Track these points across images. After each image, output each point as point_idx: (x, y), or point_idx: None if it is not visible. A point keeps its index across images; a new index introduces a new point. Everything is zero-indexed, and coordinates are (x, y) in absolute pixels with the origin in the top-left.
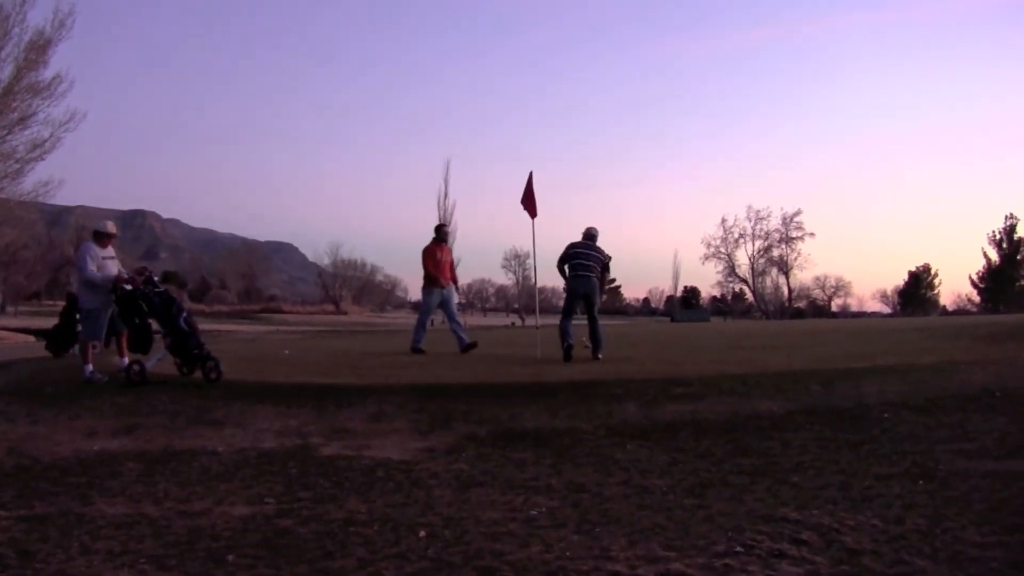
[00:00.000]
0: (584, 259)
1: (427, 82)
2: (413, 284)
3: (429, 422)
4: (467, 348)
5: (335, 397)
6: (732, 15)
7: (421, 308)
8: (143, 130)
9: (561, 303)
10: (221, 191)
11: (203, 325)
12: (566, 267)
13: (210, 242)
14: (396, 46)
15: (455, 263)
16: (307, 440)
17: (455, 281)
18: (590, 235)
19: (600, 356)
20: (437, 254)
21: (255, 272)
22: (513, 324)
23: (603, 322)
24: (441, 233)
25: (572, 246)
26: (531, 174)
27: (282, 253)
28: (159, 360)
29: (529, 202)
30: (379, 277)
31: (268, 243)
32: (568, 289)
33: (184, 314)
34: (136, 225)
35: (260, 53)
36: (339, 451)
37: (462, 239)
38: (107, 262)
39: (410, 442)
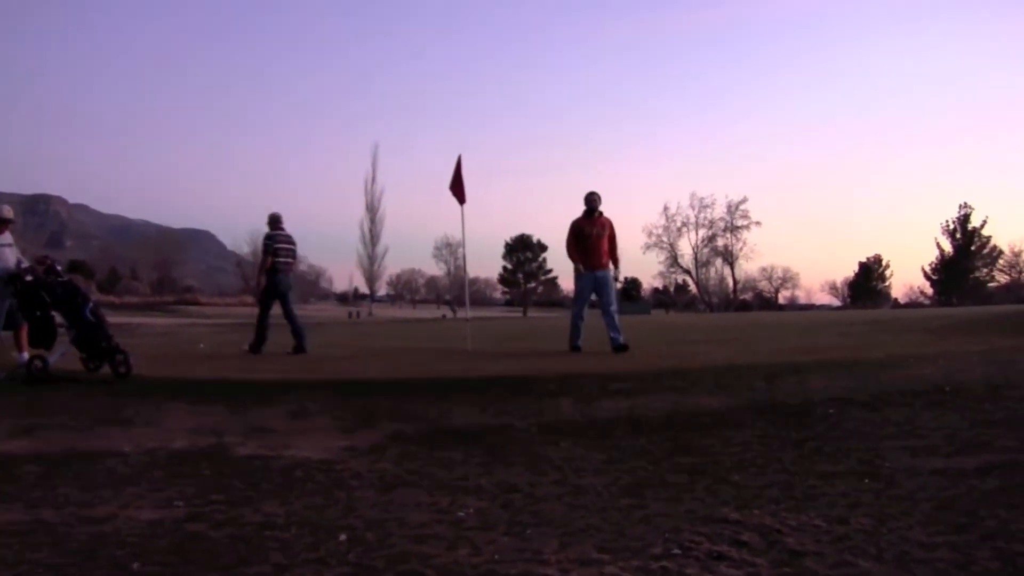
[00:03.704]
0: (286, 254)
1: (354, 60)
2: (338, 274)
3: (352, 420)
4: (619, 349)
5: (253, 393)
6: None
7: (573, 297)
8: (47, 109)
9: (496, 294)
10: (133, 175)
11: (113, 318)
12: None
13: (121, 229)
14: (318, 23)
15: (594, 236)
16: (222, 439)
17: (615, 262)
18: (281, 221)
19: (307, 348)
20: (585, 229)
21: (170, 261)
22: (444, 317)
23: (538, 314)
24: (590, 203)
25: (276, 237)
26: (459, 158)
27: (199, 241)
28: (63, 355)
29: (458, 187)
30: (302, 267)
31: (184, 231)
32: (272, 283)
33: (90, 305)
34: (40, 211)
35: (174, 26)
36: (256, 451)
37: (390, 228)
38: (4, 250)
39: (332, 441)
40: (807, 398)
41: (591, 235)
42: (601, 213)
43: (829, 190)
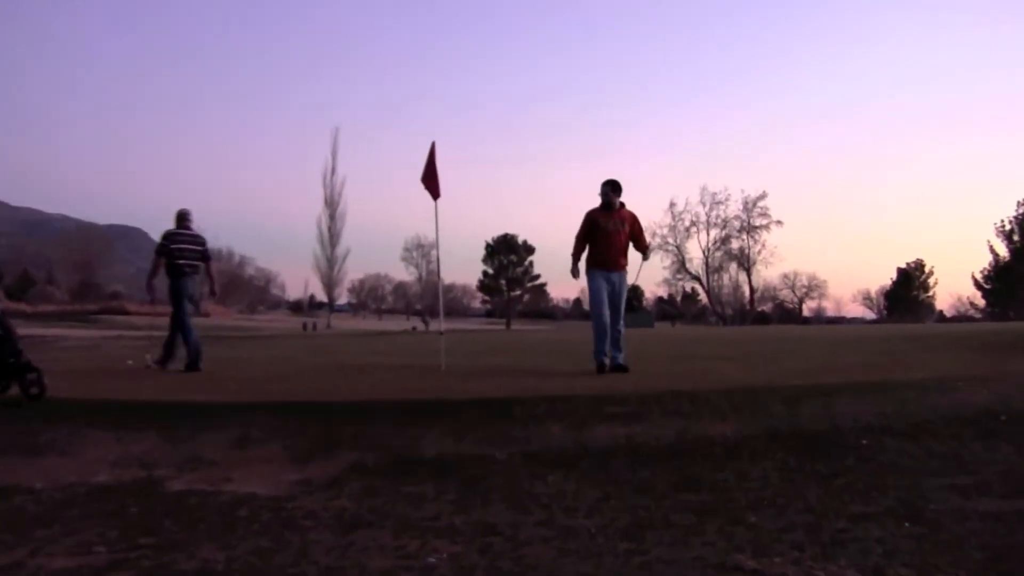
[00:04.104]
0: (190, 255)
1: (312, 30)
2: (291, 279)
3: (306, 448)
4: (618, 369)
5: (189, 417)
6: None
7: (590, 302)
8: None
9: (476, 304)
10: (50, 161)
11: (24, 329)
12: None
13: (36, 225)
14: None
15: (609, 232)
16: (152, 472)
17: (642, 250)
18: (188, 218)
19: (201, 367)
20: (600, 221)
21: (94, 263)
22: (414, 329)
23: (524, 326)
24: (605, 196)
25: (175, 236)
26: (433, 145)
27: (128, 239)
28: None
29: (431, 180)
30: (249, 271)
31: (111, 227)
32: (177, 288)
33: None
34: None
35: None
36: (192, 485)
37: (353, 226)
38: None
39: (282, 473)
40: (836, 425)
41: (606, 228)
42: (623, 205)
43: (863, 185)
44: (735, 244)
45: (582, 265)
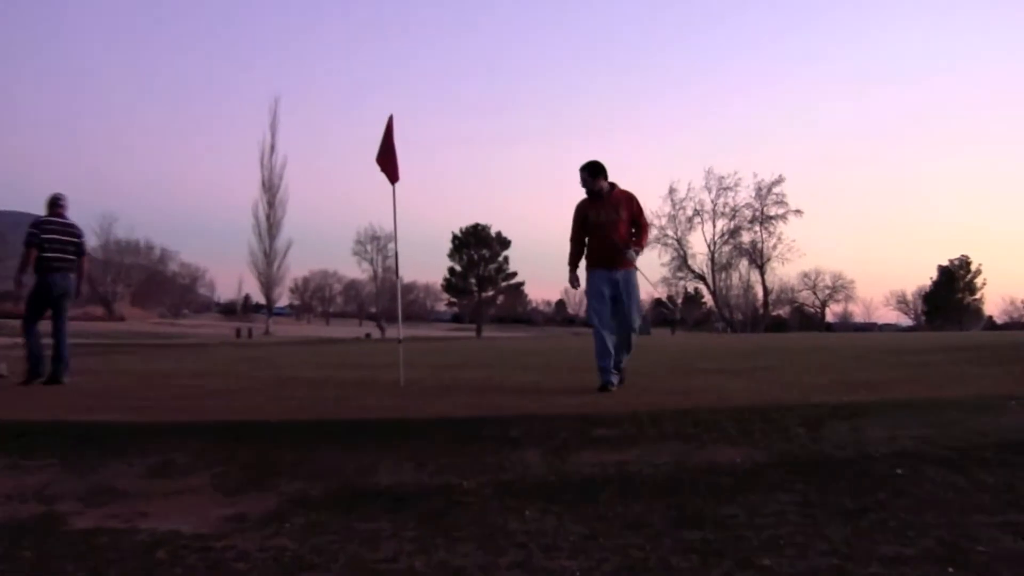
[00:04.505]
0: (61, 247)
1: None
2: (222, 277)
3: (239, 477)
4: (604, 387)
5: (98, 441)
6: None
7: (587, 309)
8: None
9: (441, 306)
10: None
11: None
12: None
13: None
14: None
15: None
16: (52, 507)
17: (638, 241)
18: (60, 204)
19: (66, 380)
20: (590, 215)
21: None
22: (368, 336)
23: (497, 333)
24: (584, 184)
25: (45, 225)
26: (391, 120)
27: (24, 230)
28: None
29: (388, 160)
30: (173, 267)
31: (3, 214)
32: (42, 286)
33: None
34: None
35: None
36: (101, 522)
37: (296, 214)
38: None
39: (210, 507)
40: (865, 452)
41: (600, 221)
42: (614, 187)
43: (898, 169)
44: (746, 237)
45: (581, 272)
